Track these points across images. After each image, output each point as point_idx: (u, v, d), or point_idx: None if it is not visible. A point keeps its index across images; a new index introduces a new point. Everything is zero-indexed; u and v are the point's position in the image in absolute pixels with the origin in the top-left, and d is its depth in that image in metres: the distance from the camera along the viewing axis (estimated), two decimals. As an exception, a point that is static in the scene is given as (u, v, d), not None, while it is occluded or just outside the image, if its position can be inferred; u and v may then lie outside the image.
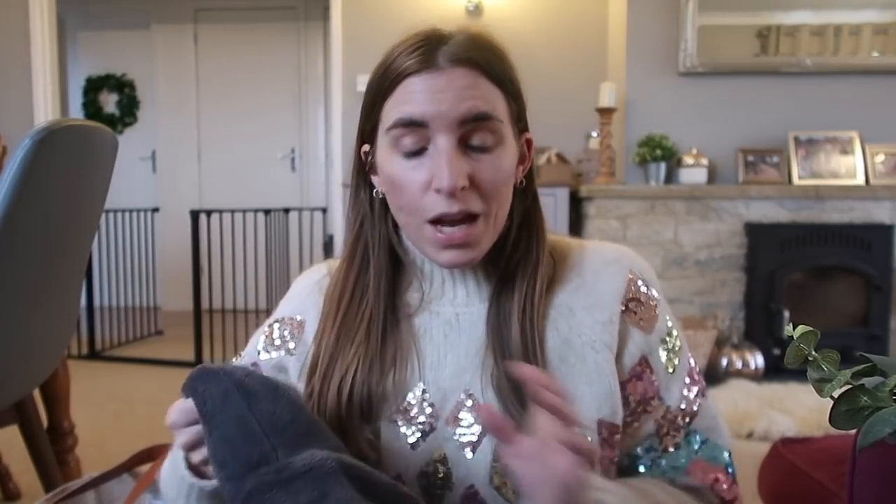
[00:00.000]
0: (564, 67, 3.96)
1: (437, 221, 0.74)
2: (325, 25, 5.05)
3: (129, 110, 5.63)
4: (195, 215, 3.73)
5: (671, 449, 0.81)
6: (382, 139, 0.77)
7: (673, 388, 0.81)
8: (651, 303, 0.82)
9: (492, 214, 0.76)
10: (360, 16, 4.06)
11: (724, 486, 0.81)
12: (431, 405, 0.78)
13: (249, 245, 3.88)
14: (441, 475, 0.76)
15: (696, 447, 0.81)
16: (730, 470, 0.82)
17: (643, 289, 0.82)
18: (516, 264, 0.81)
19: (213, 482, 0.70)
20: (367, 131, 0.80)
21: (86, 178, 1.43)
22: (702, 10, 3.45)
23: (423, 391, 0.78)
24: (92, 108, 5.61)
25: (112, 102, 5.65)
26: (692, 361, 0.84)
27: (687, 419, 0.81)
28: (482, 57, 0.74)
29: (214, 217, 3.80)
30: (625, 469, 0.82)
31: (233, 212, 3.91)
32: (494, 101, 0.75)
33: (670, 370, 0.81)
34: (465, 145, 0.74)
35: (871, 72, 3.45)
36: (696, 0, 3.44)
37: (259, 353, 0.87)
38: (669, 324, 0.83)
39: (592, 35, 3.98)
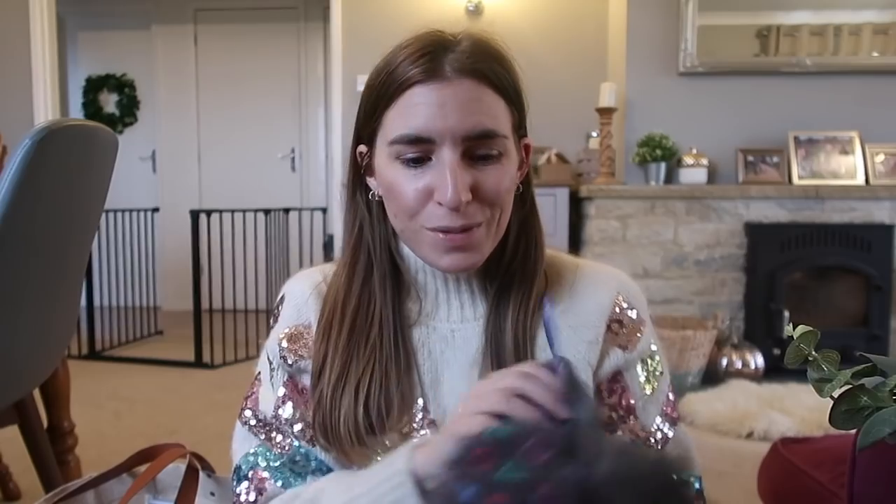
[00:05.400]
0: (564, 67, 3.96)
1: (438, 229, 0.74)
2: (325, 26, 5.04)
3: (129, 110, 5.62)
4: (195, 215, 3.73)
5: None
6: (382, 148, 0.76)
7: (650, 409, 0.81)
8: (634, 325, 0.82)
9: (494, 221, 0.76)
10: (360, 16, 4.06)
11: None
12: (432, 422, 0.78)
13: (249, 245, 3.88)
14: None
15: None
16: (699, 489, 0.79)
17: (629, 312, 0.82)
18: (513, 275, 0.80)
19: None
20: (366, 134, 0.79)
21: (86, 178, 1.43)
22: (702, 10, 3.45)
23: (424, 406, 0.78)
24: (92, 108, 5.61)
25: (112, 102, 5.65)
26: (671, 394, 0.84)
27: (658, 446, 0.80)
28: (488, 67, 0.73)
29: (214, 217, 3.80)
30: None
31: (233, 212, 3.92)
32: (499, 114, 0.74)
33: (648, 391, 0.81)
34: (468, 157, 0.73)
35: (871, 72, 3.44)
36: (696, 0, 3.44)
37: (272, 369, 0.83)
38: (653, 347, 0.83)
39: (592, 35, 3.98)
